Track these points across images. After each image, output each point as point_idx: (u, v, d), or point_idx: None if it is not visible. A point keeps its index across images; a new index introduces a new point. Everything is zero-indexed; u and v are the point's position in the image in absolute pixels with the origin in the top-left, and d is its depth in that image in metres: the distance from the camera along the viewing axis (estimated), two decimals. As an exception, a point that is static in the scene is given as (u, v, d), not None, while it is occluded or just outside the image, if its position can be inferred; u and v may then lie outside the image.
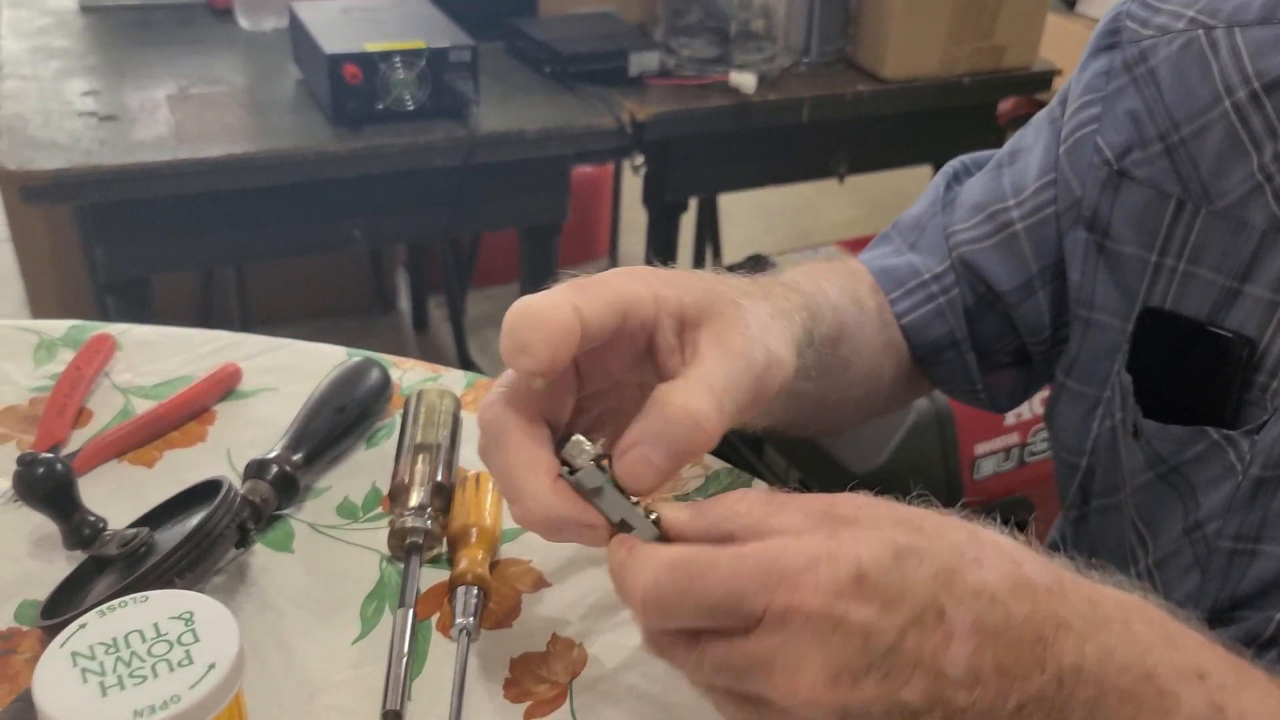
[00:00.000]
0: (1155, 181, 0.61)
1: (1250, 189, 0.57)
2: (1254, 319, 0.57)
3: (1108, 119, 0.63)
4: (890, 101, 1.70)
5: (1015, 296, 0.68)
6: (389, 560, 0.60)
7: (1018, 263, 0.68)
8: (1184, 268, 0.60)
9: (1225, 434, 0.57)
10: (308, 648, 0.54)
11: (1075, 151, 0.65)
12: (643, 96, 1.56)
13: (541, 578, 0.60)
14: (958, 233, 0.70)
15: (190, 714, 0.37)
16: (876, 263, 0.72)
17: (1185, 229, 0.60)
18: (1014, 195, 0.68)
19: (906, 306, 0.70)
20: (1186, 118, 0.60)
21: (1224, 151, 0.58)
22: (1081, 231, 0.64)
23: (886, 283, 0.70)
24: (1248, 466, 0.57)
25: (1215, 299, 0.59)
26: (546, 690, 0.53)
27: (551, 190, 1.54)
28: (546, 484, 0.42)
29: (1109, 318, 0.64)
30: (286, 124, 1.37)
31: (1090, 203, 0.64)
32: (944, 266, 0.69)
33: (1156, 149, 0.61)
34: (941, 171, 0.74)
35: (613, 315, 0.43)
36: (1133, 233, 0.62)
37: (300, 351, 0.77)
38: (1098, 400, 0.66)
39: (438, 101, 1.38)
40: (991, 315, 0.70)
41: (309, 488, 0.65)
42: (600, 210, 2.79)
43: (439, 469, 0.62)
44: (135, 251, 1.34)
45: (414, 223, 1.49)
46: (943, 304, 0.69)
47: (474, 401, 0.73)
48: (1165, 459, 0.60)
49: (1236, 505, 0.57)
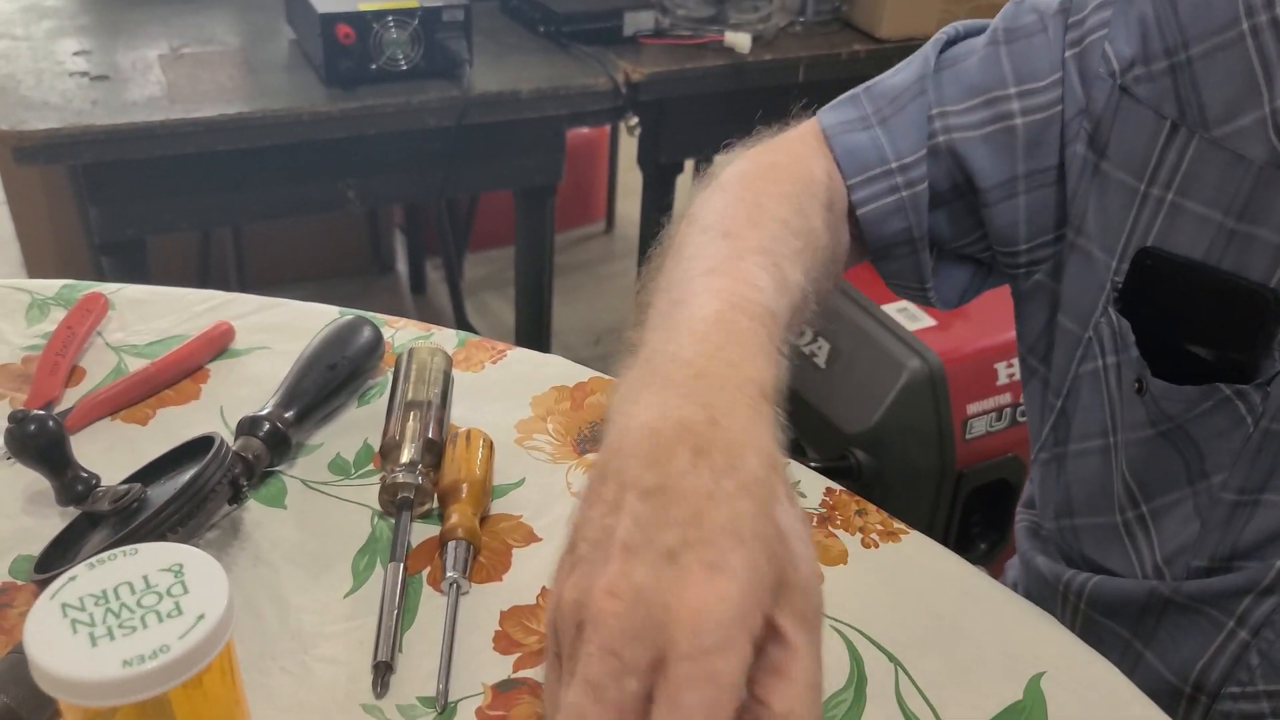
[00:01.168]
0: (1154, 102, 0.57)
1: (1255, 121, 0.53)
2: (1262, 264, 0.54)
3: (1119, 24, 0.58)
4: (887, 62, 1.66)
5: (994, 195, 0.63)
6: (380, 516, 0.61)
7: (1006, 159, 0.62)
8: (1172, 198, 0.57)
9: (1237, 388, 0.55)
10: (300, 601, 0.55)
11: (1085, 57, 0.60)
12: (637, 56, 1.55)
13: (532, 532, 0.60)
14: (949, 115, 0.63)
15: (179, 664, 0.38)
16: (840, 138, 0.65)
17: (1177, 156, 0.56)
18: (1016, 83, 0.62)
19: (865, 196, 0.64)
20: (1199, 35, 0.55)
21: (1234, 79, 0.54)
22: (1080, 146, 0.60)
23: (849, 166, 0.64)
24: (1259, 419, 0.55)
25: (1209, 238, 0.56)
26: (535, 642, 0.54)
27: (546, 151, 1.53)
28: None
29: (1096, 249, 0.61)
30: (280, 84, 1.36)
31: (1094, 116, 0.59)
32: (916, 155, 0.63)
33: (1161, 66, 0.57)
34: (933, 39, 0.67)
35: None
36: (1127, 156, 0.58)
37: (293, 310, 0.77)
38: (1079, 339, 0.63)
39: (431, 61, 1.37)
40: (961, 205, 0.65)
41: (301, 445, 0.65)
42: (597, 172, 2.78)
43: (430, 426, 0.63)
44: (129, 212, 1.33)
45: (408, 183, 1.48)
46: (905, 198, 0.64)
47: (465, 360, 0.73)
48: (1172, 417, 0.58)
49: (1244, 458, 0.56)
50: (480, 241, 2.59)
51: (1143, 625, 0.63)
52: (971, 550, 1.51)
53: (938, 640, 0.54)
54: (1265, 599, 0.57)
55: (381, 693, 0.50)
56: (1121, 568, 0.64)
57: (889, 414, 1.35)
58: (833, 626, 0.55)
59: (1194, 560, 0.60)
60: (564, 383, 0.72)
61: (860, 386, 1.38)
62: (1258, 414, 0.55)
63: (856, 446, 1.35)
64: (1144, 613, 0.63)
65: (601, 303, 2.57)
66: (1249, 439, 0.56)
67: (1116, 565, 0.64)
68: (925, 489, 1.41)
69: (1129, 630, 0.64)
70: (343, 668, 0.52)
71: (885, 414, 1.35)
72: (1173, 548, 0.61)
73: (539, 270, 1.69)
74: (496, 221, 2.47)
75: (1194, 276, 0.56)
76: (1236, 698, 0.60)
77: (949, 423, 1.38)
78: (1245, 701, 0.60)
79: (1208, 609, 0.60)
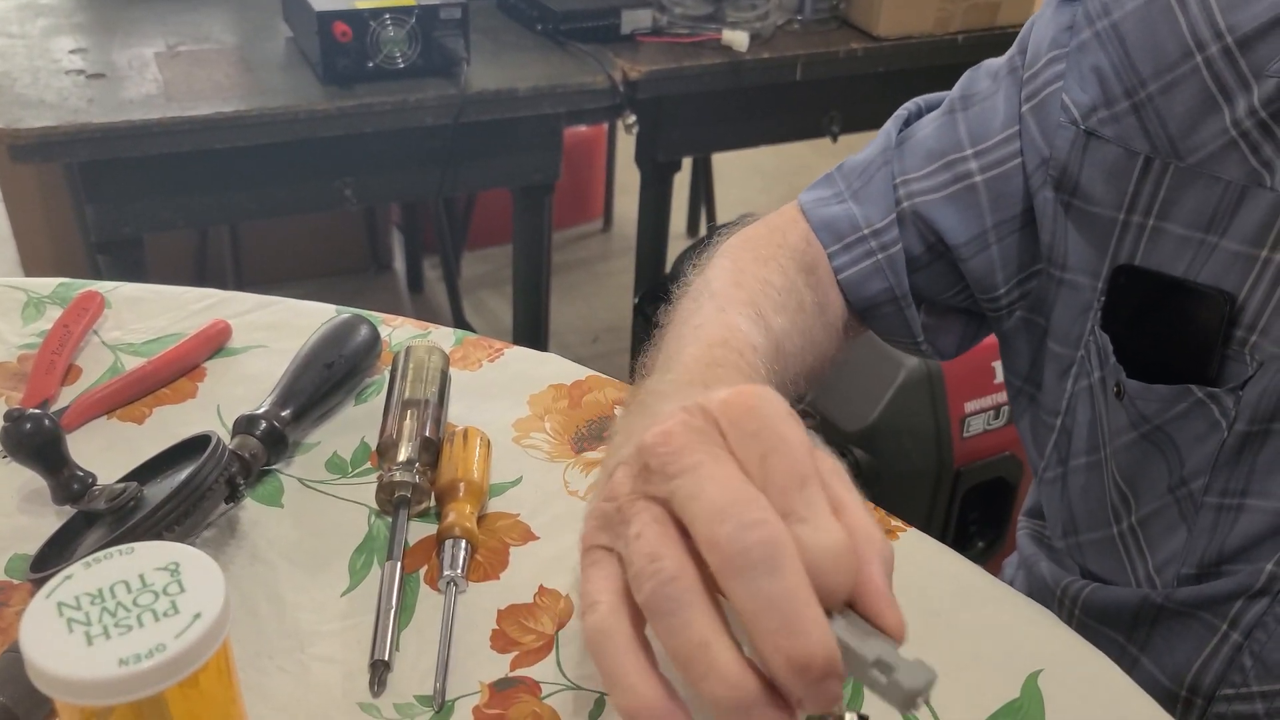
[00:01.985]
0: (1123, 139, 0.60)
1: (1223, 144, 0.56)
2: (1231, 273, 0.57)
3: (1072, 76, 0.62)
4: (884, 60, 1.68)
5: (968, 250, 0.66)
6: (377, 514, 0.60)
7: (973, 215, 0.66)
8: (1153, 224, 0.59)
9: (1209, 391, 0.57)
10: (297, 600, 0.55)
11: (1041, 110, 0.63)
12: (635, 55, 1.55)
13: (529, 530, 0.60)
14: (910, 181, 0.67)
15: (176, 663, 0.38)
16: (816, 211, 0.70)
17: (1154, 185, 0.59)
18: (972, 145, 0.66)
19: (844, 262, 0.68)
20: (1154, 74, 0.58)
21: (1194, 107, 0.57)
22: (1049, 191, 0.63)
23: (825, 236, 0.69)
24: (1233, 422, 0.57)
25: (1190, 255, 0.58)
26: (533, 640, 0.54)
27: (544, 149, 1.53)
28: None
29: (1081, 277, 0.63)
30: (276, 82, 1.36)
31: (1059, 162, 0.63)
32: (886, 220, 0.67)
33: (1123, 107, 0.60)
34: (894, 116, 0.71)
35: None
36: (1101, 191, 0.61)
37: (290, 309, 0.77)
38: (1072, 360, 0.65)
39: (428, 60, 1.37)
40: (941, 264, 0.68)
41: (298, 443, 0.65)
42: (595, 171, 2.78)
43: (427, 424, 0.63)
44: (126, 211, 1.33)
45: (405, 182, 1.48)
46: (881, 261, 0.67)
47: (463, 358, 0.73)
48: (1149, 418, 0.60)
49: (1222, 461, 0.57)
50: (478, 240, 2.59)
51: (1136, 631, 0.64)
52: (969, 548, 1.51)
53: (935, 638, 0.54)
54: (1256, 602, 0.58)
55: (379, 691, 0.50)
56: (1119, 581, 0.65)
57: (886, 412, 1.35)
58: (830, 624, 0.54)
59: (1183, 568, 0.60)
60: (562, 381, 0.72)
61: (858, 385, 1.38)
62: (1231, 418, 0.57)
63: (854, 444, 1.35)
64: (1137, 619, 0.63)
65: (599, 301, 2.57)
66: (1224, 443, 0.57)
67: (1116, 579, 0.65)
68: (923, 487, 1.41)
69: (1123, 636, 0.64)
70: (340, 666, 0.52)
71: (883, 412, 1.35)
72: (1163, 556, 0.61)
73: (537, 268, 1.69)
74: (494, 220, 2.47)
75: (1163, 288, 0.59)
76: (1231, 699, 0.60)
77: (946, 421, 1.38)
78: (1240, 703, 0.60)
79: (1200, 614, 0.60)
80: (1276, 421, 0.56)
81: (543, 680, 0.51)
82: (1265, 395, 0.55)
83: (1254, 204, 0.56)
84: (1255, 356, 0.56)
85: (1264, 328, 0.56)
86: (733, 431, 0.37)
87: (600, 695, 0.51)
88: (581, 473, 0.64)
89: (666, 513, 0.37)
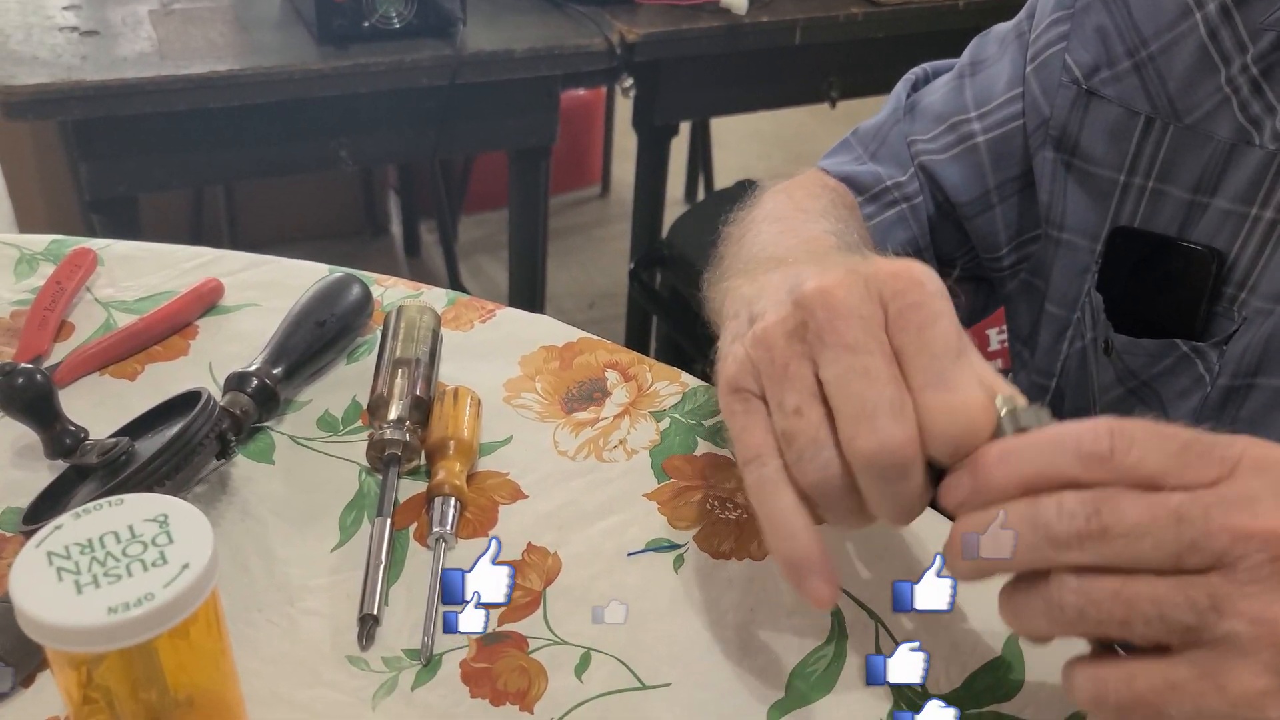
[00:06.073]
0: (1124, 99, 0.61)
1: (1218, 102, 0.57)
2: (1222, 231, 0.58)
3: (1076, 37, 0.63)
4: (884, 25, 1.67)
5: (972, 209, 0.68)
6: (368, 472, 0.61)
7: (976, 175, 0.68)
8: (1154, 185, 0.61)
9: (1195, 346, 0.59)
10: (287, 554, 0.56)
11: (1044, 70, 0.64)
12: (633, 17, 1.53)
13: (518, 489, 0.61)
14: (918, 141, 0.70)
15: (164, 612, 0.38)
16: (839, 169, 0.72)
17: (1154, 146, 0.60)
18: (976, 107, 0.68)
19: (871, 211, 0.70)
20: (1155, 34, 0.59)
21: (1193, 66, 0.58)
22: (1049, 151, 0.64)
23: (852, 189, 0.71)
24: (1216, 377, 0.58)
25: (1184, 215, 0.59)
26: (521, 596, 0.54)
27: (540, 112, 1.53)
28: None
29: (1079, 238, 0.64)
30: (272, 41, 1.35)
31: (1059, 122, 0.64)
32: (907, 175, 0.70)
33: (1125, 66, 0.61)
34: (903, 79, 0.74)
35: None
36: (1102, 152, 0.62)
37: (282, 268, 0.77)
38: (1068, 322, 0.66)
39: (424, 20, 1.36)
40: (949, 225, 0.70)
41: (289, 401, 0.65)
42: (593, 135, 2.77)
43: (418, 383, 0.63)
44: (120, 169, 1.33)
45: (401, 143, 1.48)
46: (905, 210, 0.69)
47: (455, 319, 0.73)
48: (1136, 373, 0.61)
49: (1205, 415, 0.59)
50: (475, 204, 2.58)
51: None
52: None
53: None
54: None
55: (367, 644, 0.51)
56: None
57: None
58: (815, 584, 0.55)
59: None
60: (553, 342, 0.72)
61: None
62: (1215, 372, 0.58)
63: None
64: None
65: (596, 266, 2.57)
66: (1207, 398, 0.58)
67: None
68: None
69: None
70: (328, 620, 0.52)
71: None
72: None
73: (532, 233, 1.68)
74: (491, 184, 2.46)
75: (1157, 248, 0.60)
76: None
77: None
78: None
79: None
80: (1259, 376, 0.57)
81: (530, 635, 0.52)
82: (1249, 350, 0.57)
83: (1243, 161, 0.57)
84: (1242, 313, 0.57)
85: (1253, 284, 0.57)
86: (896, 303, 0.40)
87: (586, 650, 0.51)
88: (571, 433, 0.64)
89: (819, 389, 0.41)
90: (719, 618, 0.53)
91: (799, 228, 0.60)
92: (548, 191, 1.68)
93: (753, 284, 0.48)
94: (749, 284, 0.48)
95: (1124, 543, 0.35)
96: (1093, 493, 0.36)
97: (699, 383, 0.69)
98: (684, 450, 0.63)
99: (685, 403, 0.67)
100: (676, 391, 0.68)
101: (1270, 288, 0.56)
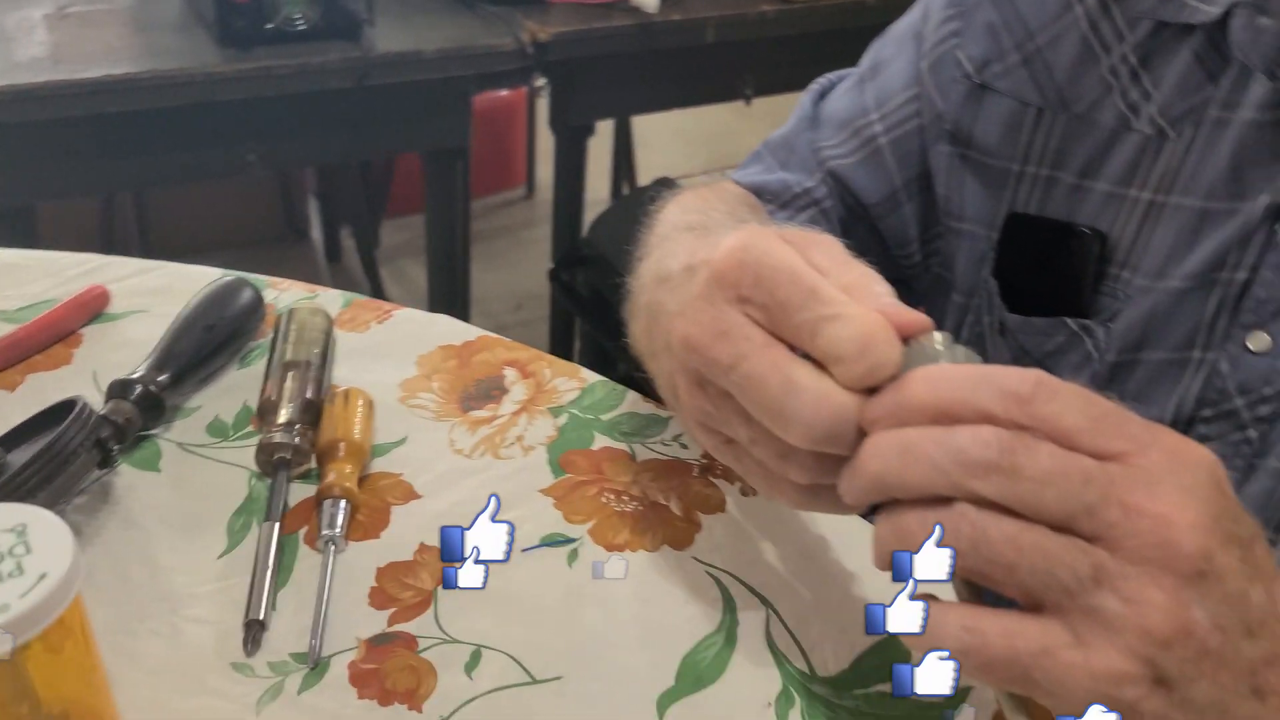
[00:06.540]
0: (1015, 92, 0.63)
1: (1101, 91, 0.60)
2: (1105, 213, 0.60)
3: (967, 33, 0.65)
4: (796, 22, 1.69)
5: (882, 209, 0.70)
6: (258, 477, 0.60)
7: (883, 176, 0.69)
8: (1046, 173, 0.63)
9: (1082, 324, 0.61)
10: (172, 562, 0.55)
11: (938, 67, 0.66)
12: (545, 16, 1.53)
13: (412, 490, 0.60)
14: (825, 148, 0.71)
15: (20, 623, 0.37)
16: (750, 179, 0.73)
17: (1045, 136, 0.62)
18: (877, 109, 0.70)
19: (784, 217, 0.71)
20: (1040, 27, 0.62)
21: (1077, 57, 0.60)
22: (945, 145, 0.66)
23: (764, 197, 0.72)
24: (1104, 353, 0.60)
25: (1073, 199, 0.62)
26: (412, 596, 0.54)
27: (453, 113, 1.52)
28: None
29: (978, 228, 0.66)
30: (171, 44, 1.33)
31: (953, 116, 0.66)
32: (815, 181, 0.71)
33: (1014, 60, 0.63)
34: (807, 90, 0.75)
35: None
36: (997, 143, 0.64)
37: (174, 273, 0.75)
38: (967, 308, 0.68)
39: (330, 21, 1.35)
40: (861, 227, 0.71)
41: (178, 407, 0.64)
42: (516, 136, 2.76)
43: (308, 386, 0.62)
44: (15, 178, 1.29)
45: (312, 146, 1.46)
46: (816, 214, 0.71)
47: (351, 320, 0.73)
48: (1030, 352, 0.63)
49: (1096, 391, 0.60)
50: (398, 207, 2.56)
51: None
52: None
53: (808, 581, 0.55)
54: None
55: (252, 650, 0.50)
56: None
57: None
58: (708, 573, 0.56)
59: None
60: (451, 341, 0.71)
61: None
62: (1103, 349, 0.60)
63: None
64: None
65: (523, 268, 2.56)
66: (1096, 374, 0.60)
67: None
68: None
69: None
70: (214, 627, 0.51)
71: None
72: None
73: (451, 235, 1.67)
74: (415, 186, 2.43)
75: (1048, 231, 0.62)
76: None
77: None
78: None
79: None
80: (1143, 350, 0.59)
81: (420, 634, 0.52)
82: (1132, 327, 0.59)
83: (1123, 146, 0.59)
84: (1126, 291, 0.60)
85: (1134, 263, 0.59)
86: (742, 290, 0.42)
87: (477, 647, 0.51)
88: (468, 431, 0.64)
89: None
90: (612, 610, 0.53)
91: (696, 233, 0.60)
92: (468, 193, 1.68)
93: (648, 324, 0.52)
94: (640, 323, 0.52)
95: (1030, 486, 0.35)
96: (1012, 432, 0.36)
97: (598, 378, 0.69)
98: (581, 445, 0.63)
99: (584, 398, 0.67)
100: (575, 388, 0.68)
101: (1150, 265, 0.59)
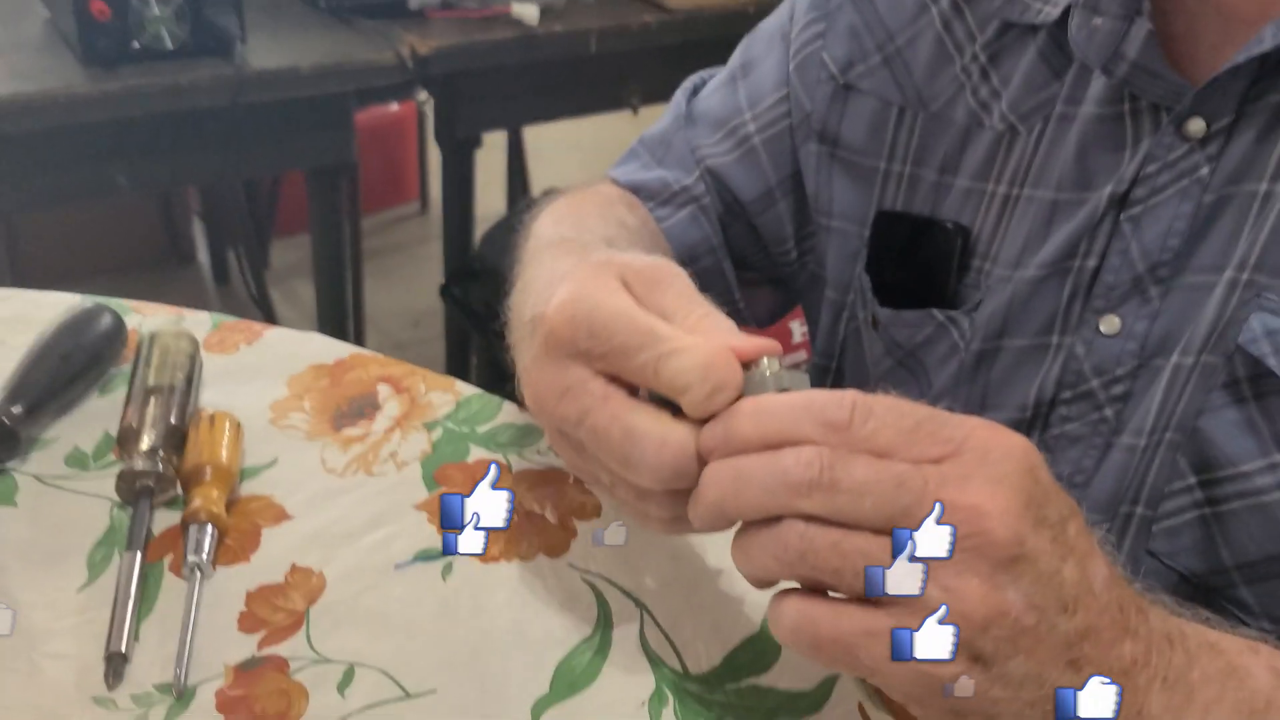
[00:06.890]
0: (878, 92, 0.65)
1: (955, 90, 0.62)
2: (965, 208, 0.63)
3: (831, 35, 0.67)
4: (678, 30, 1.71)
5: (758, 206, 0.71)
6: (120, 507, 0.58)
7: (758, 174, 0.71)
8: (909, 170, 0.65)
9: (949, 314, 0.63)
10: (30, 598, 0.53)
11: (804, 68, 0.68)
12: (424, 30, 1.52)
13: (283, 511, 0.59)
14: (702, 147, 0.72)
15: None
16: (627, 178, 0.74)
17: (908, 134, 0.65)
18: (750, 108, 0.71)
19: (664, 214, 0.72)
20: (899, 28, 0.64)
21: (933, 57, 0.63)
22: (813, 144, 0.68)
23: (642, 195, 0.72)
24: (969, 342, 0.62)
25: (935, 195, 0.64)
26: (283, 619, 0.53)
27: (334, 129, 1.50)
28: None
29: (848, 224, 0.68)
30: (33, 66, 1.28)
31: (820, 116, 0.68)
32: (693, 178, 0.72)
33: (876, 60, 0.65)
34: (681, 87, 0.76)
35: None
36: (863, 142, 0.66)
37: (28, 300, 0.73)
38: (844, 305, 0.70)
39: (200, 39, 1.32)
40: (739, 224, 0.73)
41: (34, 439, 0.62)
42: (407, 151, 2.73)
43: (172, 411, 0.61)
44: None
45: (185, 166, 1.42)
46: (695, 210, 0.72)
47: (219, 343, 0.71)
48: (902, 344, 0.65)
49: (962, 379, 0.63)
50: (288, 226, 2.51)
51: None
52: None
53: (680, 582, 0.56)
54: None
55: (114, 683, 0.49)
56: None
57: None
58: (583, 579, 0.56)
59: None
60: (323, 360, 0.71)
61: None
62: (968, 338, 0.62)
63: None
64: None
65: (418, 284, 2.53)
66: (963, 363, 0.63)
67: None
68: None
69: None
70: (74, 661, 0.50)
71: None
72: None
73: (337, 253, 1.65)
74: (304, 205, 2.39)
75: (916, 227, 0.65)
76: None
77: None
78: None
79: None
80: (1004, 338, 0.61)
81: (291, 656, 0.51)
82: (993, 316, 0.61)
83: (977, 142, 0.62)
84: (987, 281, 0.62)
85: (994, 255, 0.62)
86: (582, 344, 0.43)
87: (349, 665, 0.51)
88: (340, 450, 0.63)
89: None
90: (488, 620, 0.53)
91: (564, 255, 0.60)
92: (357, 210, 1.66)
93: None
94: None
95: (848, 498, 0.38)
96: (831, 450, 0.39)
97: (474, 390, 0.69)
98: (456, 458, 0.63)
99: (459, 411, 0.67)
100: (450, 401, 0.68)
101: (1008, 256, 0.61)
